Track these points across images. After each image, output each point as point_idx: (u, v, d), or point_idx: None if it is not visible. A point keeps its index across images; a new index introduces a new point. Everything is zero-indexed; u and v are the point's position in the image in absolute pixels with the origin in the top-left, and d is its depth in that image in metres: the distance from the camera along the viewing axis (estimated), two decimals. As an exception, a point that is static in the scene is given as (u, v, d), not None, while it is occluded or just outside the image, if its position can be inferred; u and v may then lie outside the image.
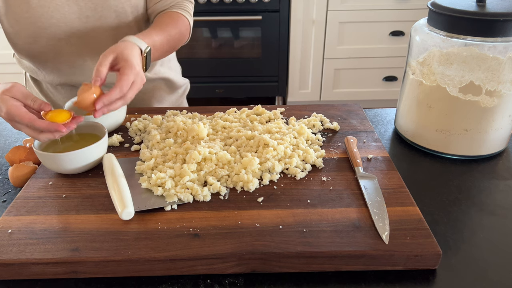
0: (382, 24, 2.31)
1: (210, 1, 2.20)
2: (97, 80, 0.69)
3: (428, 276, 0.55)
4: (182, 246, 0.55)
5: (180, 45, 0.97)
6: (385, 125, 0.91)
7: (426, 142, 0.81)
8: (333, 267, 0.55)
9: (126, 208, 0.59)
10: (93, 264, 0.53)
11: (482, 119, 0.74)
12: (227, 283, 0.54)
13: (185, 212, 0.61)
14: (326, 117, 0.87)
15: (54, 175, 0.70)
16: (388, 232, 0.56)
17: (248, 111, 0.88)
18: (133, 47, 0.76)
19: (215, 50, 2.38)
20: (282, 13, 2.25)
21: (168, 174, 0.67)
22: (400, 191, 0.65)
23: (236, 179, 0.67)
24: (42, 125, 0.65)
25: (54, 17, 0.87)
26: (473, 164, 0.78)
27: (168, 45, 0.91)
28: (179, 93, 1.16)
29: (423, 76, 0.77)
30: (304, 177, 0.69)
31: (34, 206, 0.63)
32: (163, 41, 0.87)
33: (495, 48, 0.69)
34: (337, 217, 0.60)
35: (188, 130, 0.78)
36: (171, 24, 0.92)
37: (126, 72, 0.70)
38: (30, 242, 0.56)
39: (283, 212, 0.61)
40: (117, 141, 0.80)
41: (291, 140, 0.76)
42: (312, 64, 2.41)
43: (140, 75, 0.73)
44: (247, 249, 0.54)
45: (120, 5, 0.91)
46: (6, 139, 0.88)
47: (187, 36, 0.98)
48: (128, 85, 0.70)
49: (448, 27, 0.72)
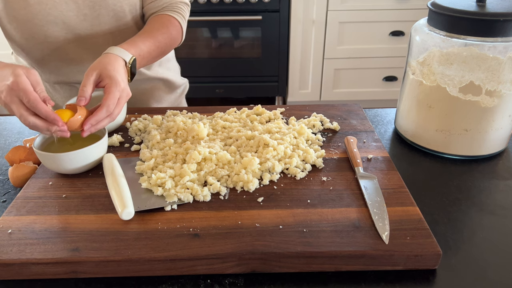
0: (382, 24, 2.31)
1: (210, 1, 2.20)
2: (81, 100, 0.69)
3: (428, 276, 0.55)
4: (182, 246, 0.55)
5: (171, 49, 0.97)
6: (385, 125, 0.91)
7: (426, 142, 0.81)
8: (333, 267, 0.55)
9: (126, 208, 0.59)
10: (93, 264, 0.53)
11: (482, 119, 0.74)
12: (227, 283, 0.54)
13: (185, 212, 0.61)
14: (326, 117, 0.88)
15: (54, 175, 0.70)
16: (388, 232, 0.56)
17: (248, 111, 0.88)
18: (116, 60, 0.76)
19: (215, 50, 2.38)
20: (282, 13, 2.25)
21: (168, 174, 0.67)
22: (400, 191, 0.65)
23: (236, 179, 0.67)
24: (43, 109, 0.64)
25: (51, 14, 0.87)
26: (473, 164, 0.78)
27: (157, 51, 0.90)
28: (178, 93, 1.16)
29: (423, 76, 0.77)
30: (304, 177, 0.69)
31: (34, 206, 0.63)
32: (150, 48, 0.87)
33: (495, 48, 0.69)
34: (337, 217, 0.60)
35: (188, 130, 0.78)
36: (161, 30, 0.91)
37: (112, 91, 0.71)
38: (30, 242, 0.56)
39: (283, 212, 0.61)
40: (117, 141, 0.80)
41: (291, 140, 0.76)
42: (312, 64, 2.41)
43: (125, 91, 0.74)
44: (247, 249, 0.54)
45: (118, 4, 0.91)
46: (6, 139, 0.88)
47: (179, 39, 0.98)
48: (114, 103, 0.71)
49: (448, 27, 0.72)
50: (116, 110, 0.72)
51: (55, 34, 0.90)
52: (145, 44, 0.86)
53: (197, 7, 2.21)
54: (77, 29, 0.91)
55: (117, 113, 0.72)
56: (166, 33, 0.92)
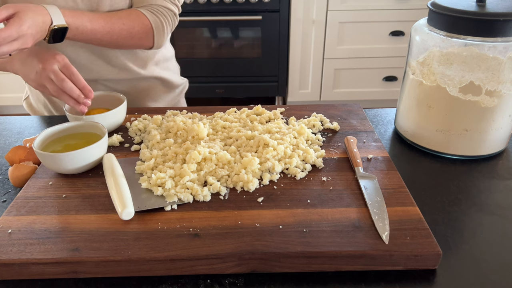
0: (382, 24, 2.31)
1: (210, 1, 2.20)
2: None
3: (428, 276, 0.55)
4: (182, 246, 0.55)
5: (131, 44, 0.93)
6: (385, 125, 0.91)
7: (426, 142, 0.81)
8: (333, 267, 0.55)
9: (126, 208, 0.59)
10: (93, 264, 0.54)
11: (482, 119, 0.74)
12: (227, 283, 0.54)
13: (185, 212, 0.61)
14: (326, 117, 0.88)
15: (54, 175, 0.70)
16: (388, 232, 0.56)
17: (248, 111, 0.88)
18: (42, 13, 0.74)
19: (215, 50, 2.38)
20: (282, 13, 2.26)
21: (168, 174, 0.67)
22: (400, 191, 0.65)
23: (236, 179, 0.67)
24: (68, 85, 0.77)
25: None
26: (473, 164, 0.78)
27: (107, 37, 0.87)
28: (177, 92, 1.16)
29: (423, 76, 0.77)
30: (304, 177, 0.69)
31: (34, 206, 0.63)
32: (98, 29, 0.84)
33: (495, 48, 0.69)
34: (337, 217, 0.60)
35: (188, 130, 0.78)
36: (122, 19, 0.88)
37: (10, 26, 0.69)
38: (30, 242, 0.56)
39: (283, 212, 0.61)
40: (117, 141, 0.80)
41: (291, 140, 0.76)
42: (312, 64, 2.41)
43: (24, 37, 0.70)
44: (247, 249, 0.54)
45: (115, 3, 0.91)
46: (6, 139, 0.88)
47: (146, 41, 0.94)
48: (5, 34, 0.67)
49: (448, 27, 0.72)
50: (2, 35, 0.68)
51: None
52: (92, 22, 0.83)
53: (197, 7, 2.21)
54: None
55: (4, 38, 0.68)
56: (126, 24, 0.89)
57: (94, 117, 0.79)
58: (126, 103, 0.84)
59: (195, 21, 2.26)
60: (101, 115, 0.79)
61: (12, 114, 2.65)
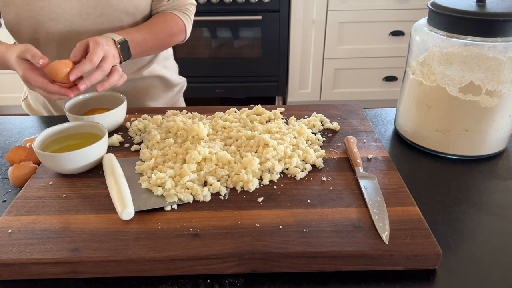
0: (382, 24, 2.31)
1: (210, 1, 2.20)
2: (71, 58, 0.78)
3: (428, 276, 0.55)
4: (182, 246, 0.55)
5: (172, 44, 1.02)
6: (385, 125, 0.91)
7: (426, 142, 0.81)
8: (333, 267, 0.55)
9: (126, 208, 0.59)
10: (93, 264, 0.54)
11: (482, 119, 0.74)
12: (227, 283, 0.54)
13: (185, 212, 0.61)
14: (326, 117, 0.88)
15: (54, 175, 0.70)
16: (388, 232, 0.56)
17: (248, 111, 0.88)
18: (105, 37, 0.83)
19: (215, 50, 2.38)
20: (282, 13, 2.26)
21: (168, 174, 0.67)
22: (400, 191, 0.65)
23: (236, 179, 0.67)
24: (53, 88, 0.75)
25: (54, 11, 0.88)
26: (473, 164, 0.78)
27: (154, 42, 0.95)
28: (175, 91, 1.17)
29: (423, 76, 0.77)
30: (304, 177, 0.69)
31: (34, 206, 0.63)
32: (146, 37, 0.92)
33: (495, 48, 0.69)
34: (337, 217, 0.60)
35: (188, 130, 0.78)
36: (160, 24, 0.96)
37: (94, 49, 0.78)
38: (30, 242, 0.56)
39: (283, 212, 0.61)
40: (117, 141, 0.80)
41: (291, 140, 0.76)
42: (312, 64, 2.41)
43: (110, 52, 0.80)
44: (247, 249, 0.54)
45: (122, 5, 0.92)
46: (6, 139, 0.88)
47: (181, 37, 1.03)
48: (98, 57, 0.77)
49: (448, 27, 0.72)
50: (105, 64, 0.78)
51: (57, 32, 0.91)
52: (140, 33, 0.91)
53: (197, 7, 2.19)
54: (79, 27, 0.91)
55: (108, 67, 0.78)
56: (166, 27, 0.97)
57: (94, 117, 0.79)
58: (126, 103, 0.84)
59: (195, 21, 2.24)
60: (101, 115, 0.79)
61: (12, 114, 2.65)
